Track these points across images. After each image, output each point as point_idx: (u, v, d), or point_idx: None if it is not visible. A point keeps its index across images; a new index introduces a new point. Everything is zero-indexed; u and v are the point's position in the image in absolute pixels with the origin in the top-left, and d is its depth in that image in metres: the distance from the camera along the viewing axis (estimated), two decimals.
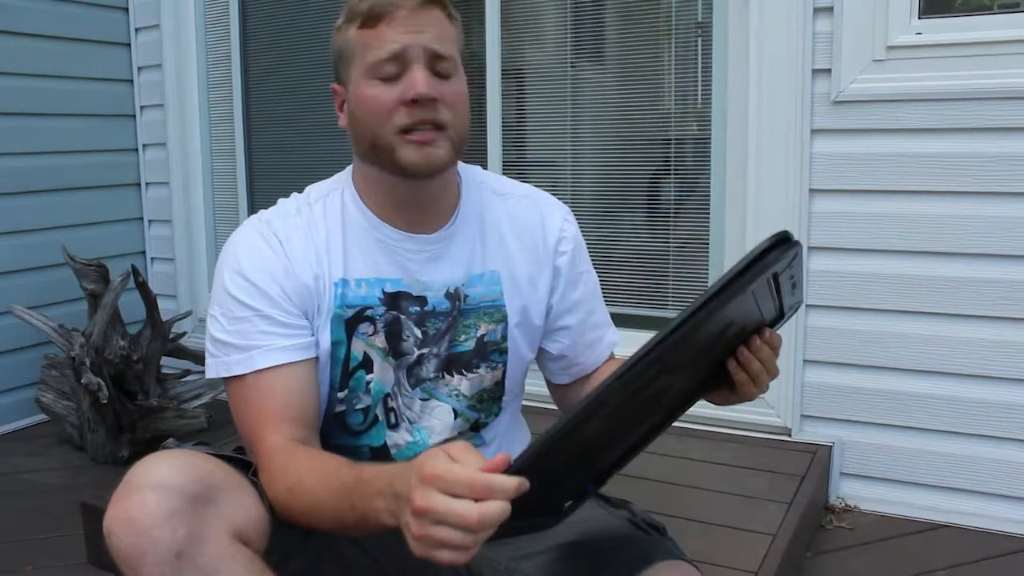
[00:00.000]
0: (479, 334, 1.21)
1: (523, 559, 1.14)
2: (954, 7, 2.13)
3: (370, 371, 1.17)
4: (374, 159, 1.12)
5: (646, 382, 0.82)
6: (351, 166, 1.21)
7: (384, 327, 1.16)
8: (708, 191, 2.44)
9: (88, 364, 2.48)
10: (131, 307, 2.73)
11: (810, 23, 2.17)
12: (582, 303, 1.29)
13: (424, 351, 1.19)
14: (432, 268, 1.18)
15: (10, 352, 2.90)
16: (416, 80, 1.06)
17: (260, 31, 3.14)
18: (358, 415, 1.19)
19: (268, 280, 1.11)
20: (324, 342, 1.14)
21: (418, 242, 1.17)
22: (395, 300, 1.17)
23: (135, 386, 2.62)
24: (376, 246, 1.17)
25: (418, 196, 1.16)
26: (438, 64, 1.09)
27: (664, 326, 0.81)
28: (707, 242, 2.46)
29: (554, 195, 1.35)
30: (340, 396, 1.17)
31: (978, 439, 2.15)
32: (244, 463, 1.06)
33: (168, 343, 2.73)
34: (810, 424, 2.33)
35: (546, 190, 1.35)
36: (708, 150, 2.43)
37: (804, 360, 2.30)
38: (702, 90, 2.47)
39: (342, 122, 1.17)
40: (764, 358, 1.02)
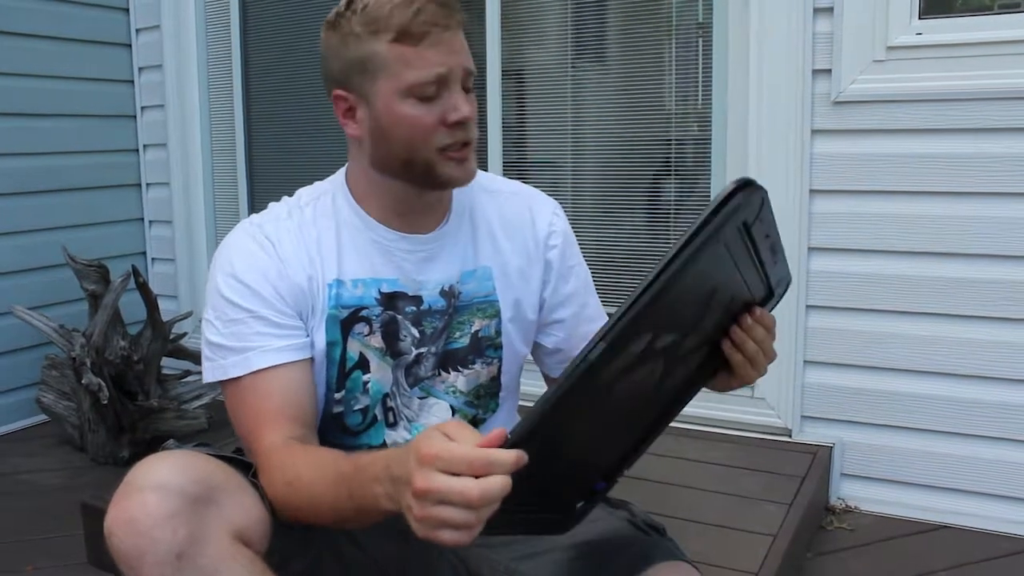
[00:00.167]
0: (473, 330, 1.22)
1: (523, 559, 1.14)
2: (954, 7, 2.13)
3: (367, 371, 1.17)
4: (400, 172, 1.13)
5: (630, 342, 0.81)
6: (342, 169, 1.22)
7: (381, 327, 1.17)
8: (708, 192, 2.44)
9: (88, 365, 2.48)
10: (132, 308, 2.73)
11: (810, 23, 2.17)
12: (575, 296, 1.30)
13: (422, 350, 1.19)
14: (427, 267, 1.19)
15: (11, 352, 2.90)
16: (459, 104, 1.08)
17: (261, 32, 3.14)
18: (356, 415, 1.19)
19: (261, 281, 1.11)
20: (319, 343, 1.14)
21: (413, 242, 1.18)
22: (391, 300, 1.17)
23: (135, 387, 2.62)
24: (371, 247, 1.17)
25: (426, 202, 1.18)
26: (467, 81, 1.11)
27: (642, 281, 0.80)
28: None
29: (554, 196, 1.35)
30: (337, 397, 1.17)
31: (978, 440, 2.15)
32: (245, 464, 1.06)
33: (168, 344, 2.73)
34: (810, 425, 2.33)
35: (546, 191, 1.35)
36: (708, 151, 2.43)
37: (804, 361, 2.30)
38: (702, 91, 2.47)
39: (354, 131, 1.13)
40: (758, 338, 1.02)
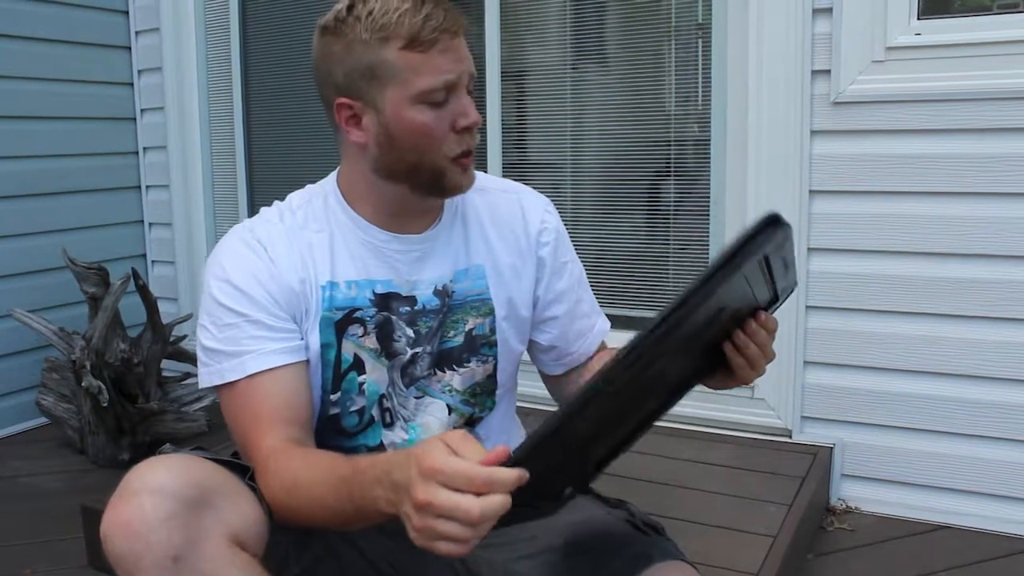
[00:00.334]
0: (467, 328, 1.22)
1: (522, 560, 1.14)
2: (953, 8, 2.13)
3: (362, 372, 1.17)
4: (405, 178, 1.13)
5: (642, 368, 0.82)
6: (334, 173, 1.22)
7: (375, 328, 1.17)
8: (708, 193, 2.43)
9: (88, 367, 2.48)
10: (131, 310, 2.73)
11: (809, 24, 2.17)
12: (568, 293, 1.31)
13: (417, 350, 1.19)
14: (420, 267, 1.19)
15: (10, 355, 2.90)
16: (468, 109, 1.10)
17: (260, 34, 3.14)
18: (353, 417, 1.19)
19: (254, 284, 1.11)
20: (313, 345, 1.14)
21: (406, 242, 1.19)
22: (386, 301, 1.17)
23: (135, 389, 2.62)
24: (364, 248, 1.17)
25: (425, 206, 1.19)
26: (470, 85, 1.12)
27: (659, 312, 0.81)
28: (707, 244, 2.46)
29: (554, 197, 1.35)
30: (333, 399, 1.17)
31: (979, 440, 2.14)
32: (241, 467, 1.06)
33: (168, 346, 2.73)
34: (810, 425, 2.33)
35: (546, 192, 1.35)
36: (708, 151, 2.42)
37: (804, 361, 2.29)
38: (702, 91, 2.47)
39: (358, 138, 1.12)
40: (761, 342, 1.02)
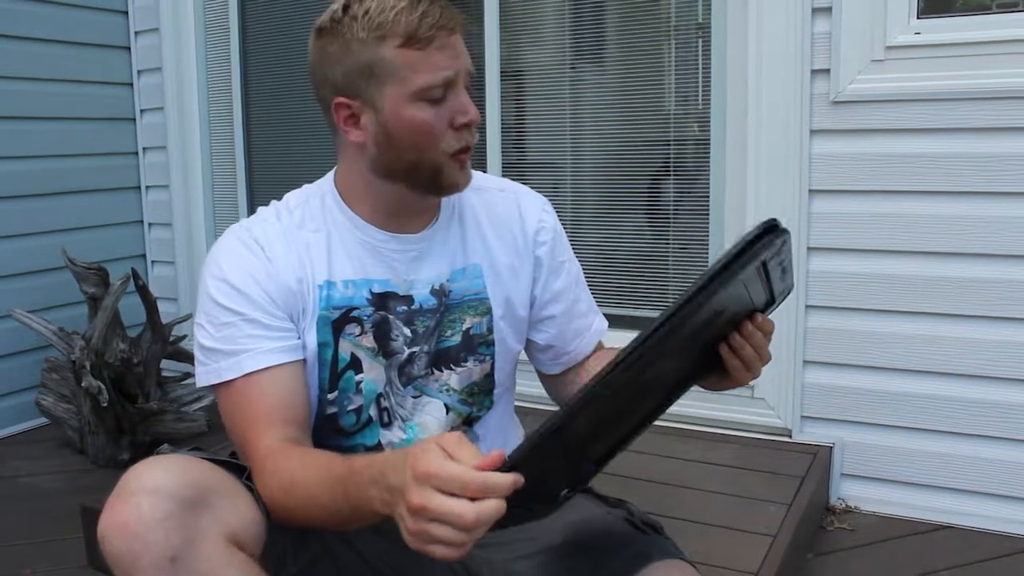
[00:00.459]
0: (465, 327, 1.22)
1: (521, 559, 1.14)
2: (953, 7, 2.13)
3: (359, 371, 1.17)
4: (403, 177, 1.13)
5: (638, 373, 0.83)
6: (331, 173, 1.22)
7: (372, 327, 1.17)
8: (708, 192, 2.43)
9: (88, 367, 2.48)
10: (131, 310, 2.73)
11: (809, 23, 2.17)
12: (565, 292, 1.31)
13: (415, 349, 1.19)
14: (417, 267, 1.19)
15: (10, 356, 2.90)
16: (466, 106, 1.10)
17: (260, 35, 3.14)
18: (350, 416, 1.19)
19: (251, 283, 1.11)
20: (310, 344, 1.14)
21: (403, 242, 1.19)
22: (383, 300, 1.17)
23: (135, 389, 2.62)
24: (362, 248, 1.17)
25: (422, 205, 1.19)
26: (467, 82, 1.13)
27: (655, 319, 0.81)
28: (707, 243, 2.46)
29: (554, 196, 1.35)
30: (330, 398, 1.17)
31: (979, 439, 2.14)
32: (239, 467, 1.06)
33: (168, 346, 2.73)
34: (810, 425, 2.32)
35: (545, 192, 1.35)
36: (707, 151, 2.42)
37: (804, 361, 2.29)
38: (701, 91, 2.47)
39: (356, 138, 1.12)
40: (757, 344, 1.03)
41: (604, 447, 0.95)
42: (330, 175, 1.22)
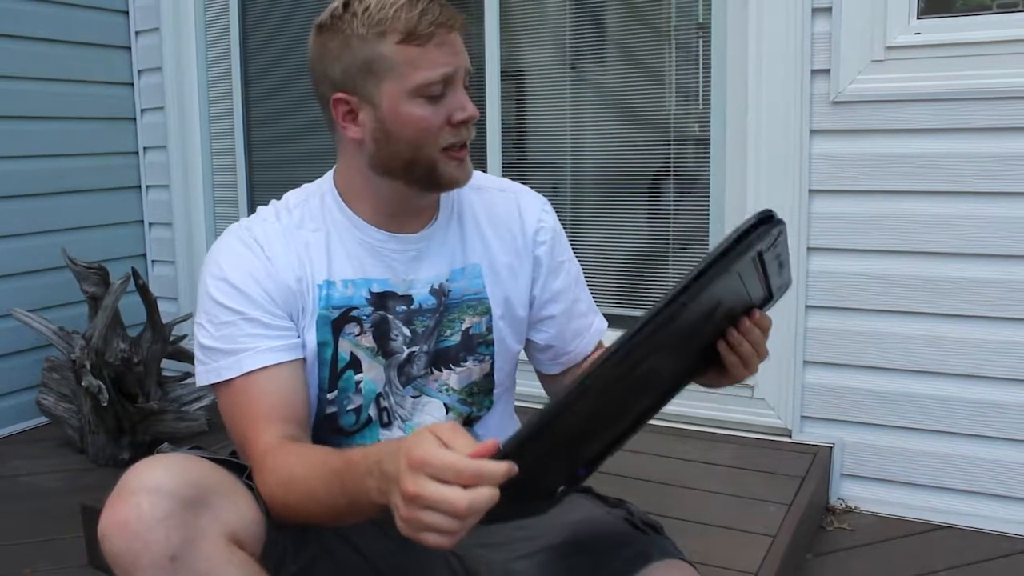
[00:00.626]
0: (464, 327, 1.22)
1: (521, 559, 1.14)
2: (953, 7, 2.13)
3: (359, 371, 1.18)
4: (401, 173, 1.13)
5: (633, 364, 0.82)
6: (330, 172, 1.22)
7: (372, 327, 1.17)
8: (708, 192, 2.43)
9: (89, 367, 2.48)
10: (131, 310, 2.73)
11: (809, 24, 2.17)
12: (565, 292, 1.31)
13: (414, 349, 1.20)
14: (417, 266, 1.19)
15: (11, 355, 2.91)
16: (464, 103, 1.11)
17: (260, 34, 3.14)
18: (350, 416, 1.19)
19: (250, 282, 1.11)
20: (310, 343, 1.14)
21: (403, 242, 1.19)
22: (382, 300, 1.18)
23: (135, 389, 2.62)
24: (361, 248, 1.18)
25: (422, 203, 1.19)
26: (466, 80, 1.13)
27: (649, 309, 0.81)
28: (707, 243, 2.46)
29: (554, 197, 1.36)
30: (330, 397, 1.18)
31: (979, 440, 2.14)
32: (239, 467, 1.06)
33: (168, 346, 2.73)
34: (810, 425, 2.32)
35: (545, 192, 1.35)
36: (708, 151, 2.42)
37: (804, 361, 2.29)
38: (702, 91, 2.47)
39: (354, 134, 1.12)
40: (754, 340, 1.03)
41: (600, 444, 0.95)
42: (329, 175, 1.22)
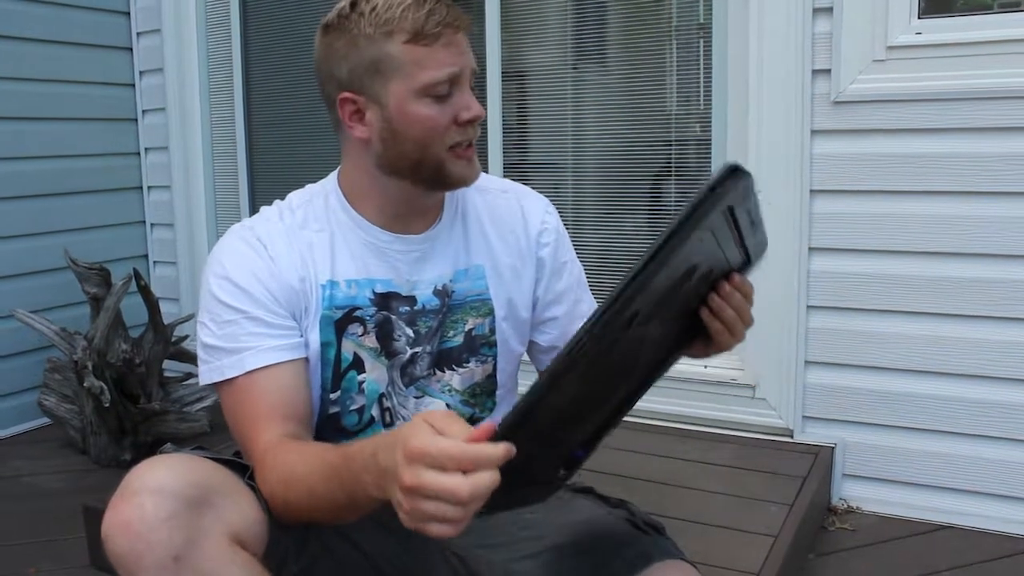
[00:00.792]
0: (467, 328, 1.22)
1: (522, 559, 1.14)
2: (954, 7, 2.13)
3: (362, 371, 1.18)
4: (408, 173, 1.13)
5: (618, 331, 0.82)
6: (334, 173, 1.22)
7: (375, 327, 1.17)
8: None
9: (90, 368, 2.48)
10: (133, 310, 2.73)
11: (810, 23, 2.17)
12: (568, 293, 1.31)
13: (417, 350, 1.20)
14: (421, 267, 1.20)
15: (13, 356, 2.91)
16: (470, 102, 1.11)
17: (261, 35, 3.14)
18: (353, 416, 1.19)
19: (253, 282, 1.11)
20: (313, 343, 1.14)
21: (407, 243, 1.19)
22: (385, 300, 1.18)
23: (137, 389, 2.62)
24: (365, 248, 1.18)
25: (427, 203, 1.20)
26: (472, 80, 1.14)
27: (626, 273, 0.81)
28: None
29: (555, 197, 1.36)
30: (332, 397, 1.18)
31: (981, 440, 2.14)
32: (241, 466, 1.06)
33: (170, 346, 2.74)
34: (812, 425, 2.32)
35: (547, 192, 1.36)
36: (709, 151, 2.42)
37: (806, 361, 2.29)
38: (703, 91, 2.47)
39: (361, 134, 1.13)
40: (736, 305, 1.03)
41: (592, 425, 0.95)
42: (333, 175, 1.22)
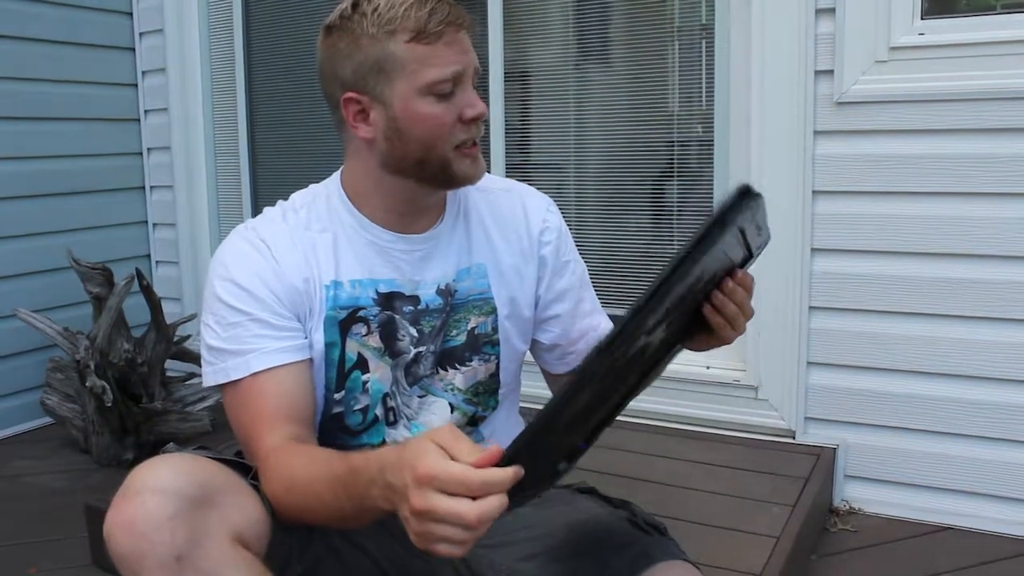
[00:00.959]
0: (470, 327, 1.23)
1: (525, 560, 1.15)
2: (957, 7, 2.13)
3: (366, 371, 1.18)
4: (413, 172, 1.14)
5: (627, 349, 0.84)
6: (336, 173, 1.22)
7: (379, 327, 1.18)
8: (711, 193, 2.43)
9: (93, 367, 2.48)
10: (136, 310, 2.73)
11: (812, 24, 2.17)
12: (570, 292, 1.31)
13: (420, 349, 1.20)
14: (424, 267, 1.20)
15: (15, 355, 2.91)
16: (474, 100, 1.12)
17: (264, 35, 3.15)
18: (357, 415, 1.19)
19: (257, 283, 1.12)
20: (317, 344, 1.15)
21: (410, 242, 1.19)
22: (389, 300, 1.18)
23: (139, 389, 2.62)
24: (369, 248, 1.18)
25: (430, 202, 1.20)
26: (475, 79, 1.14)
27: (639, 296, 0.83)
28: None
29: (558, 197, 1.36)
30: (337, 397, 1.18)
31: (983, 441, 2.14)
32: (244, 466, 1.06)
33: (172, 346, 2.74)
34: (814, 426, 2.32)
35: (549, 192, 1.36)
36: (711, 152, 2.42)
37: (808, 362, 2.29)
38: (705, 92, 2.47)
39: (365, 134, 1.13)
40: (738, 300, 1.05)
41: (596, 419, 0.96)
42: (336, 176, 1.22)
